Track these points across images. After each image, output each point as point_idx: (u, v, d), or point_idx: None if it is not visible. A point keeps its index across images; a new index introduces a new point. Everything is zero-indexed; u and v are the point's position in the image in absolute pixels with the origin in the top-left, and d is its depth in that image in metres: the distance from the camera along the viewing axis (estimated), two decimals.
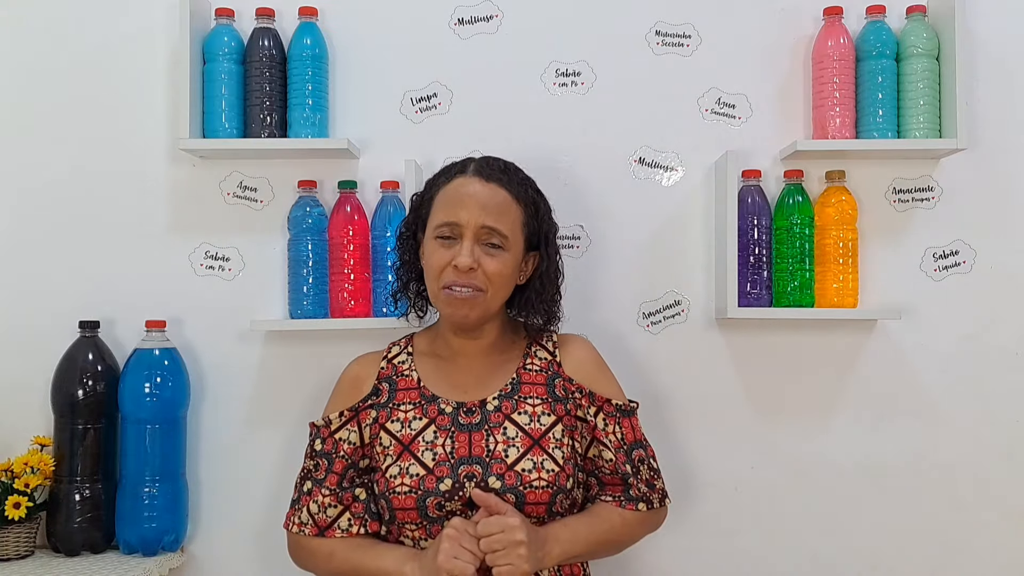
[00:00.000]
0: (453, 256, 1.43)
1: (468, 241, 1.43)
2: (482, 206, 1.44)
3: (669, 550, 1.81)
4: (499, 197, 1.46)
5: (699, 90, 1.85)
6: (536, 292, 1.52)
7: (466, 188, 1.46)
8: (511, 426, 1.44)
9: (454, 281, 1.43)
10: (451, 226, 1.44)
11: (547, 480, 1.40)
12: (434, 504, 1.39)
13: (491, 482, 1.39)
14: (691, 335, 1.84)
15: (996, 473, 1.83)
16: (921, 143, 1.75)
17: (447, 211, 1.45)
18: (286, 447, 1.83)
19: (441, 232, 1.45)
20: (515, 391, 1.47)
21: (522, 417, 1.45)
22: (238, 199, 1.85)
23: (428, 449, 1.42)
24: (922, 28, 1.77)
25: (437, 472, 1.40)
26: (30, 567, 1.65)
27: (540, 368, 1.51)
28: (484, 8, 1.86)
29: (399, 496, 1.40)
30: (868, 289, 1.82)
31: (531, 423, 1.44)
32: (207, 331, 1.83)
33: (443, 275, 1.44)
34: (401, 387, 1.50)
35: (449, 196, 1.47)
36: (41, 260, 1.84)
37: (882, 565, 1.83)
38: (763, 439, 1.83)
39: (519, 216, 1.48)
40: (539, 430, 1.44)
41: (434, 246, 1.46)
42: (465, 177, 1.48)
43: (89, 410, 1.72)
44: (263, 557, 1.82)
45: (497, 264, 1.44)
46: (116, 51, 1.85)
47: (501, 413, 1.45)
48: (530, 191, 1.52)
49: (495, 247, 1.45)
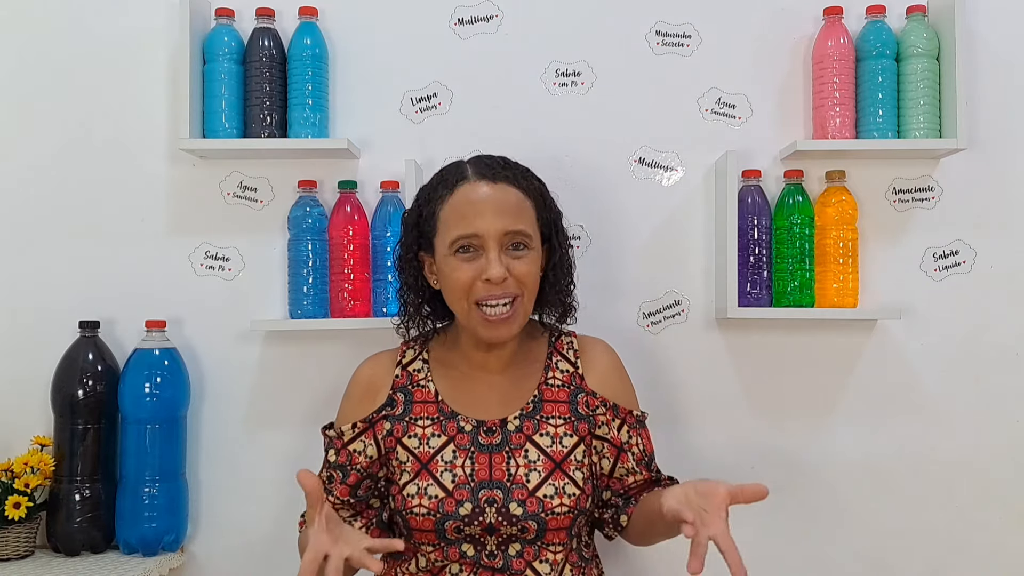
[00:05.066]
0: (479, 269, 1.35)
1: (494, 251, 1.35)
2: (498, 211, 1.36)
3: (669, 550, 1.81)
4: (511, 197, 1.39)
5: (699, 90, 1.85)
6: (550, 285, 1.45)
7: (476, 195, 1.37)
8: (532, 448, 1.39)
9: (488, 295, 1.35)
10: (470, 238, 1.35)
11: (568, 505, 1.37)
12: (453, 528, 1.35)
13: (512, 508, 1.35)
14: (691, 335, 1.84)
15: (996, 473, 1.83)
16: (921, 143, 1.75)
17: (461, 224, 1.36)
18: (286, 447, 1.83)
19: (460, 246, 1.36)
20: (537, 410, 1.42)
21: (544, 439, 1.40)
22: (238, 199, 1.85)
23: (447, 470, 1.38)
24: (922, 28, 1.77)
25: (457, 495, 1.36)
26: (30, 567, 1.65)
27: (562, 383, 1.45)
28: (484, 8, 1.86)
29: (416, 517, 1.36)
30: (868, 289, 1.82)
31: (552, 445, 1.39)
32: (207, 331, 1.83)
33: (473, 291, 1.36)
34: (418, 399, 1.44)
35: (459, 207, 1.37)
36: (41, 260, 1.84)
37: (882, 565, 1.83)
38: (763, 439, 1.83)
39: (532, 211, 1.41)
40: (561, 452, 1.39)
41: (454, 263, 1.37)
42: (469, 183, 1.39)
43: (89, 410, 1.72)
44: (263, 557, 1.82)
45: (526, 265, 1.37)
46: (116, 51, 1.85)
47: (523, 434, 1.40)
48: (534, 181, 1.45)
49: (520, 248, 1.38)
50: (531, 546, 1.37)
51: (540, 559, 1.37)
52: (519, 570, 1.36)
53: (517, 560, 1.36)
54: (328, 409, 1.71)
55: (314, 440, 1.80)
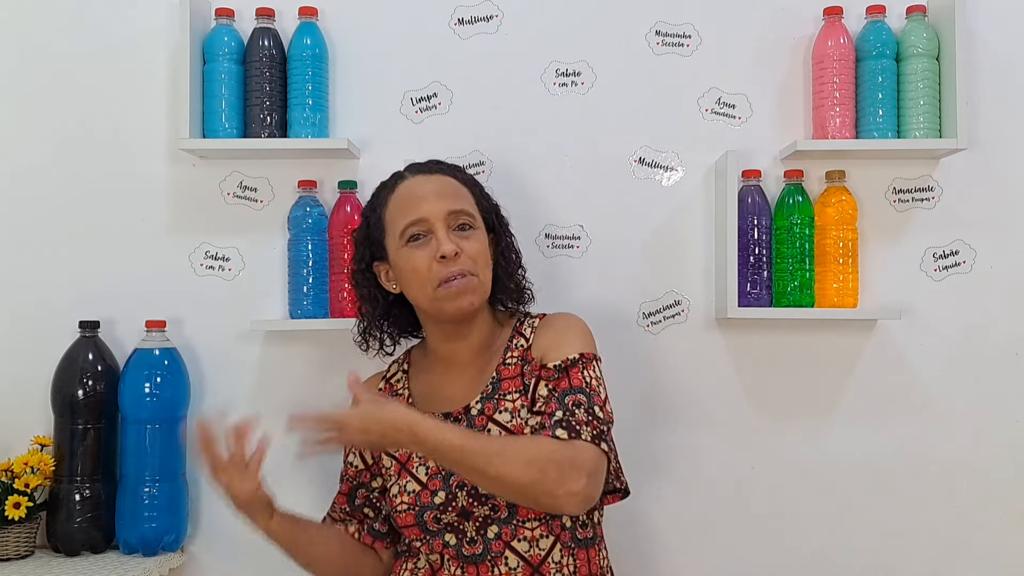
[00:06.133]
0: (433, 251, 1.41)
1: (442, 230, 1.41)
2: (439, 195, 1.44)
3: (669, 550, 1.81)
4: (449, 184, 1.47)
5: (699, 90, 1.85)
6: (502, 270, 1.51)
7: (416, 186, 1.46)
8: (494, 427, 1.42)
9: (446, 275, 1.40)
10: (417, 223, 1.42)
11: None
12: (431, 517, 1.39)
13: (481, 488, 1.36)
14: (691, 335, 1.84)
15: (996, 473, 1.83)
16: (921, 143, 1.75)
17: (407, 213, 1.43)
18: (286, 447, 1.82)
19: (410, 234, 1.43)
20: (495, 390, 1.44)
21: (504, 415, 1.42)
22: (238, 199, 1.85)
23: (421, 464, 1.43)
24: (922, 28, 1.77)
25: (431, 486, 1.40)
26: (30, 567, 1.65)
27: (517, 358, 1.46)
28: (484, 8, 1.86)
29: (401, 514, 1.42)
30: (868, 289, 1.81)
31: (512, 420, 1.41)
32: (207, 331, 1.83)
33: (431, 274, 1.41)
34: None
35: (402, 201, 1.45)
36: (41, 260, 1.84)
37: (882, 565, 1.82)
38: (763, 439, 1.83)
39: (471, 197, 1.49)
40: (521, 425, 1.41)
41: (407, 253, 1.43)
42: (407, 181, 1.48)
43: (89, 410, 1.72)
44: (263, 557, 1.81)
45: (475, 243, 1.44)
46: (116, 51, 1.85)
47: (484, 416, 1.42)
48: (467, 174, 1.53)
49: (466, 228, 1.44)
50: (507, 526, 1.38)
51: (518, 538, 1.39)
52: (498, 552, 1.38)
53: (496, 542, 1.38)
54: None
55: None
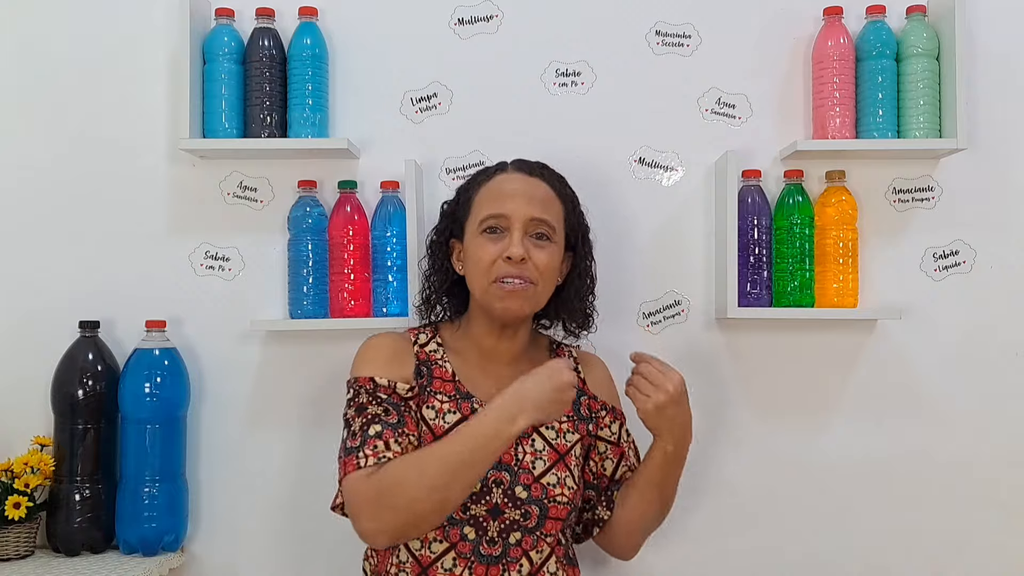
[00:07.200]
0: (502, 249, 1.42)
1: (518, 232, 1.42)
2: (528, 198, 1.45)
3: (669, 550, 1.81)
4: (543, 190, 1.48)
5: (699, 90, 1.85)
6: (575, 291, 1.52)
7: (510, 183, 1.47)
8: (539, 438, 1.44)
9: (506, 273, 1.41)
10: (498, 218, 1.44)
11: (568, 497, 1.42)
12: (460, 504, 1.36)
13: (518, 491, 1.39)
14: (691, 335, 1.84)
15: (996, 473, 1.83)
16: (921, 143, 1.75)
17: (493, 205, 1.45)
18: (286, 447, 1.82)
19: (488, 225, 1.44)
20: None
21: (549, 432, 1.45)
22: (238, 199, 1.85)
23: None
24: (922, 28, 1.77)
25: None
26: (30, 567, 1.65)
27: None
28: (484, 8, 1.86)
29: None
30: (868, 289, 1.82)
31: (557, 439, 1.45)
32: (207, 331, 1.83)
33: (493, 268, 1.42)
34: (436, 375, 1.46)
35: (493, 191, 1.47)
36: (41, 260, 1.84)
37: (882, 565, 1.82)
38: (763, 439, 1.83)
39: (561, 210, 1.50)
40: (565, 446, 1.45)
41: (480, 241, 1.44)
42: (506, 173, 1.50)
43: (89, 410, 1.72)
44: (263, 557, 1.82)
45: (546, 256, 1.44)
46: (116, 51, 1.85)
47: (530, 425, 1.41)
48: (568, 188, 1.54)
49: (543, 238, 1.45)
50: (530, 535, 1.39)
51: (536, 549, 1.40)
52: (515, 558, 1.38)
53: (515, 548, 1.38)
54: (328, 409, 1.71)
55: (314, 440, 1.81)
